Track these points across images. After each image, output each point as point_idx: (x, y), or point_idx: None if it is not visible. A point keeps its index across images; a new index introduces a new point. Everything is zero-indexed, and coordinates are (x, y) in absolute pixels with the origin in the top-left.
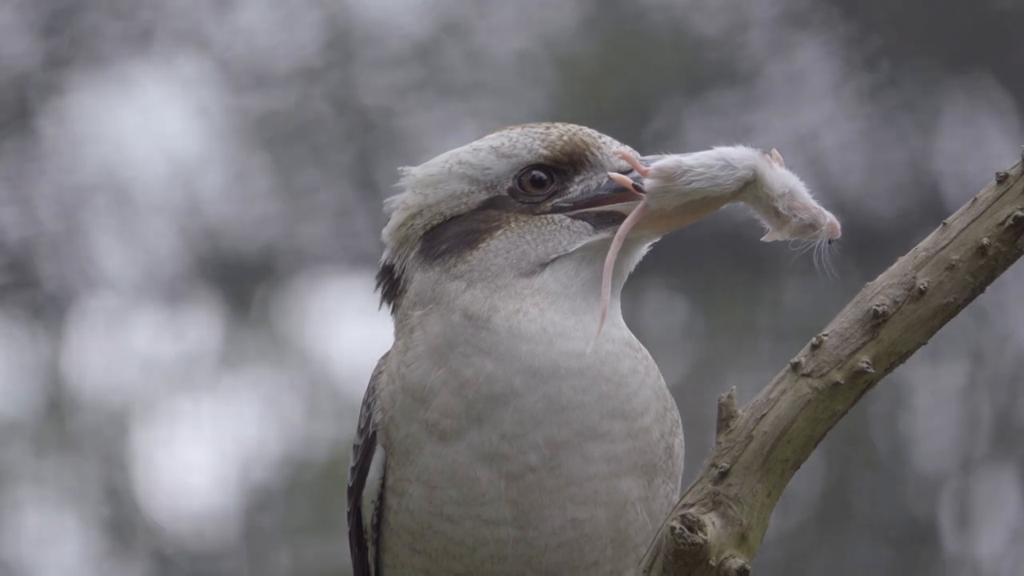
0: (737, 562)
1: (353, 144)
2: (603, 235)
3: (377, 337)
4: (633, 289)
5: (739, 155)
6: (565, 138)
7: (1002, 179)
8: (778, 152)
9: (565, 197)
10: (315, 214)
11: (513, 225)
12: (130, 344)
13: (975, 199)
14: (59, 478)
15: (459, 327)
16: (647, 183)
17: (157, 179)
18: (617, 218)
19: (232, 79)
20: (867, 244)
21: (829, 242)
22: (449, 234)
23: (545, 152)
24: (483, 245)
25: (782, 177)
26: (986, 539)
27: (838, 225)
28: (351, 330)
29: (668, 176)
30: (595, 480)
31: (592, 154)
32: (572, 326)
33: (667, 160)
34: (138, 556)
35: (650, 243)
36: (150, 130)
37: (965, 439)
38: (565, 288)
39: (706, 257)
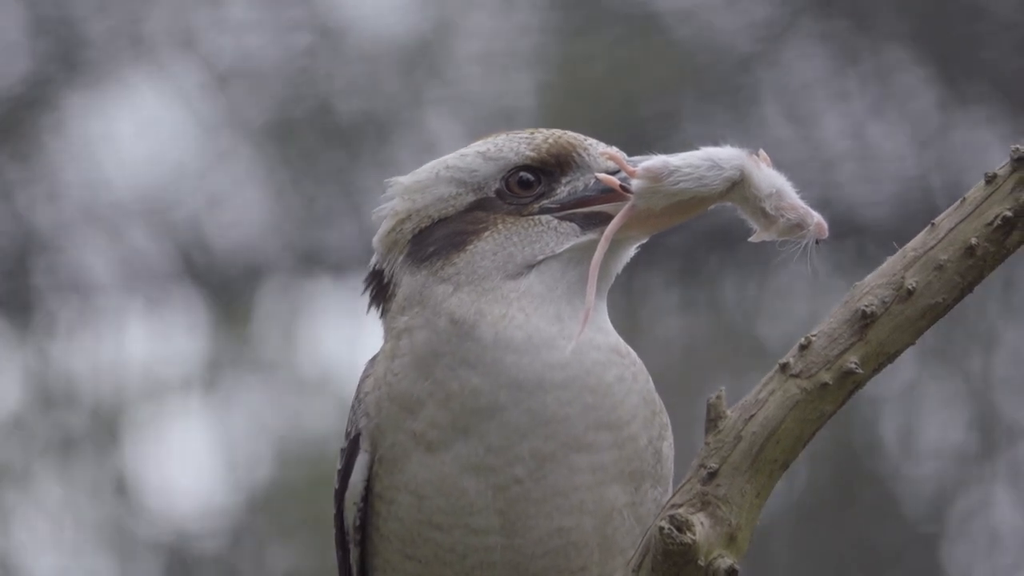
0: (726, 562)
1: (343, 147)
2: (590, 236)
3: (369, 340)
4: (622, 289)
5: (726, 155)
6: (551, 140)
7: (991, 179)
8: (765, 152)
9: (552, 198)
10: (306, 217)
11: (500, 227)
12: (122, 346)
13: (964, 199)
14: (52, 479)
15: (444, 335)
16: (634, 183)
17: (147, 182)
18: (604, 219)
19: (221, 83)
20: (857, 244)
21: (816, 242)
22: (436, 236)
23: (531, 154)
24: (470, 247)
25: (769, 177)
26: (981, 540)
27: (825, 225)
28: (342, 333)
29: (655, 176)
30: (581, 490)
31: (578, 155)
32: (557, 333)
33: (654, 160)
34: (133, 556)
35: (637, 244)
36: (139, 133)
37: (961, 440)
38: (551, 290)
39: (695, 256)
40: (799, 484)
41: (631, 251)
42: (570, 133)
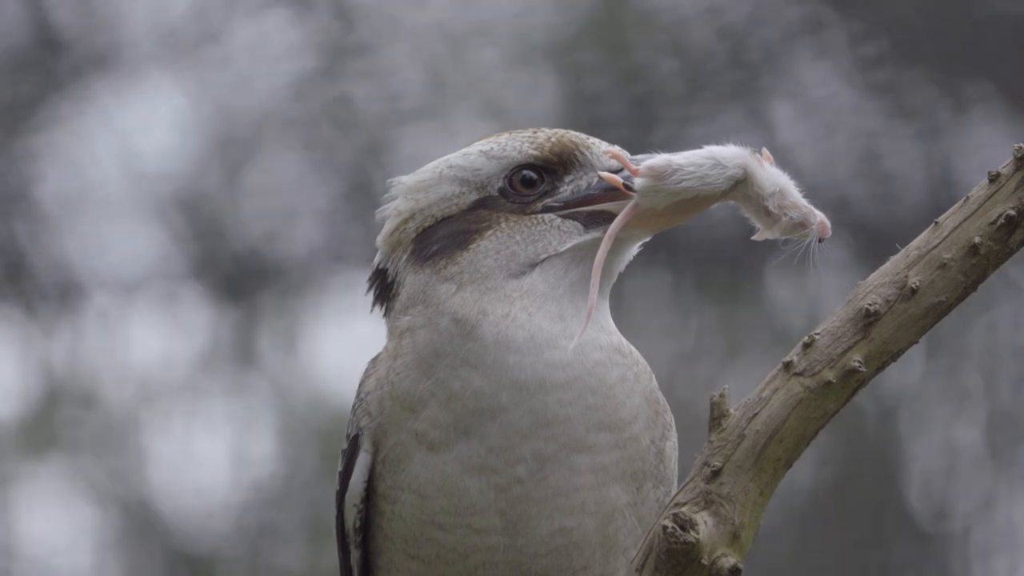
0: (729, 561)
1: (349, 146)
2: (593, 234)
3: (372, 337)
4: (624, 286)
5: (729, 154)
6: (553, 139)
7: (994, 178)
8: (768, 151)
9: (555, 197)
10: (310, 215)
11: (504, 225)
12: (125, 343)
13: (967, 198)
14: (55, 476)
15: (447, 335)
16: (637, 182)
17: (152, 181)
18: (607, 217)
19: (229, 82)
20: (860, 244)
21: (819, 241)
22: (440, 235)
23: (534, 152)
24: (473, 246)
25: (772, 176)
26: (984, 540)
27: (828, 224)
28: (346, 331)
29: (658, 175)
30: (582, 491)
31: (581, 154)
32: (560, 333)
33: (657, 159)
34: (134, 554)
35: (640, 243)
36: (146, 132)
37: (966, 439)
38: (553, 289)
39: (698, 254)
40: (803, 484)
41: (634, 250)
42: (573, 132)
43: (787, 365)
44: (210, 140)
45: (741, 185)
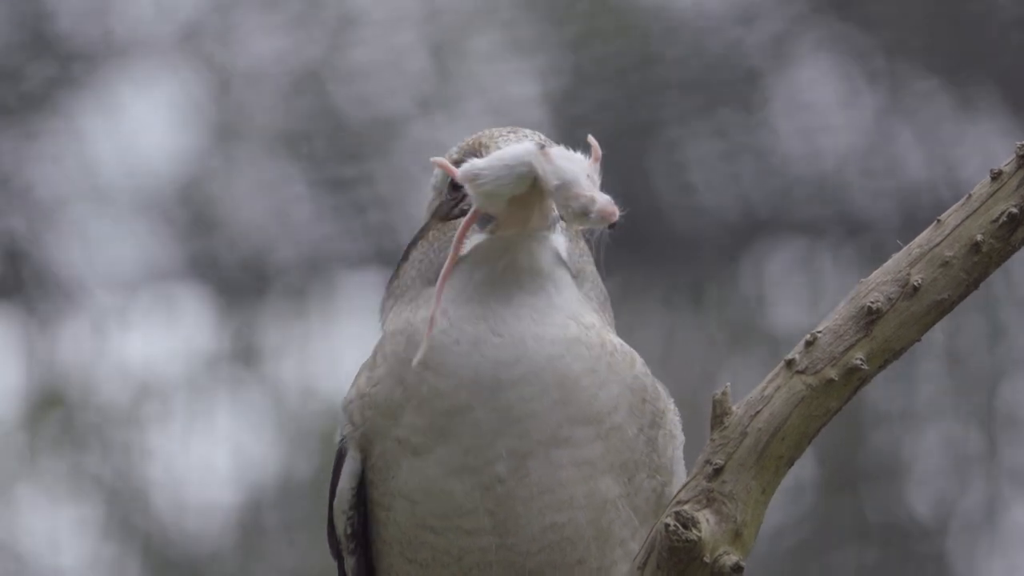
0: (731, 559)
1: (350, 145)
2: (485, 235)
3: (372, 337)
4: (628, 284)
5: (512, 153)
6: (470, 140)
7: (996, 176)
8: (593, 139)
9: (467, 200)
10: (315, 217)
11: (431, 234)
12: (126, 343)
13: (969, 196)
14: (54, 476)
15: (400, 345)
16: (465, 187)
17: (153, 179)
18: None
19: (229, 80)
20: (862, 241)
21: (610, 227)
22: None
23: (456, 156)
24: (410, 257)
25: (558, 170)
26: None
27: (612, 209)
28: (348, 331)
29: (470, 180)
30: (568, 485)
31: (481, 156)
32: (484, 332)
33: (465, 165)
34: (135, 553)
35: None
36: (148, 130)
37: (962, 436)
38: (460, 293)
39: (702, 253)
40: (803, 484)
41: (561, 240)
42: (489, 132)
43: (789, 363)
44: (212, 139)
45: (539, 182)
